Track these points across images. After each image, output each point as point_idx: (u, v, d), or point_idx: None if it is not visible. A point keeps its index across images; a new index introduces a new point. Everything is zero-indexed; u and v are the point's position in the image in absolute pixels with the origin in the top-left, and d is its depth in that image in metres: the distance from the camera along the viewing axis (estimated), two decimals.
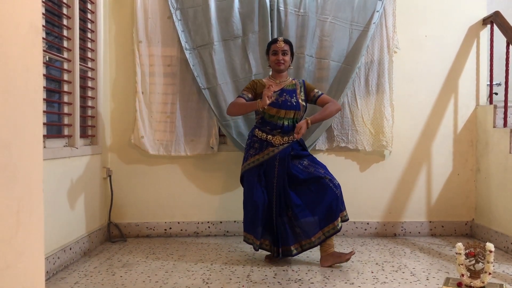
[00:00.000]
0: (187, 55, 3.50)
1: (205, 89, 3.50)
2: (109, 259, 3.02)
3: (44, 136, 2.68)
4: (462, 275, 2.11)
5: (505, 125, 3.33)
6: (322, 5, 3.52)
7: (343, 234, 3.62)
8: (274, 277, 2.62)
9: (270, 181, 2.88)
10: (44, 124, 2.71)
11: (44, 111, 2.74)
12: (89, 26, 3.39)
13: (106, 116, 3.61)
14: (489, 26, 3.60)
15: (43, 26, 2.68)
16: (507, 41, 3.30)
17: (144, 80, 3.58)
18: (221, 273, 2.70)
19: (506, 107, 3.33)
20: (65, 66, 3.00)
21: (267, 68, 3.13)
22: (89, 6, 3.39)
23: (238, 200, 3.21)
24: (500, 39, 3.43)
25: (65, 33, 3.01)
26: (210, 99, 3.49)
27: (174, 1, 3.53)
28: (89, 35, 3.40)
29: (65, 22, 3.02)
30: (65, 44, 3.02)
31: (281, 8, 3.48)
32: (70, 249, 2.91)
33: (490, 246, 2.05)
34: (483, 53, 3.63)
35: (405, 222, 3.67)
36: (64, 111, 3.01)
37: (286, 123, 2.91)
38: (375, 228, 3.66)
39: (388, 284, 2.48)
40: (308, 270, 2.75)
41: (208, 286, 2.46)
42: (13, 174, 0.97)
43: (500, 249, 3.15)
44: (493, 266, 2.15)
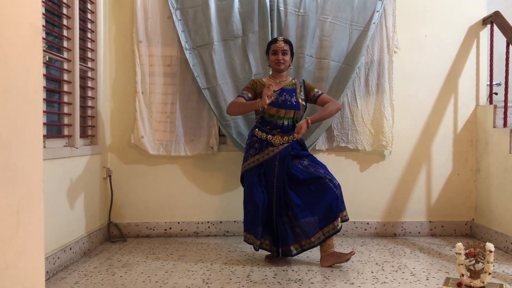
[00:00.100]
0: (187, 55, 3.50)
1: (205, 89, 3.50)
2: (109, 259, 3.02)
3: (44, 136, 2.68)
4: (462, 275, 2.11)
5: (505, 125, 3.33)
6: (322, 5, 3.52)
7: (343, 234, 3.62)
8: (274, 277, 2.62)
9: (270, 181, 2.88)
10: (44, 124, 2.71)
11: (44, 111, 2.74)
12: (89, 26, 3.39)
13: (106, 116, 3.61)
14: (489, 26, 3.60)
15: (43, 26, 2.68)
16: (507, 41, 3.30)
17: (144, 80, 3.58)
18: (221, 273, 2.70)
19: (506, 107, 3.33)
20: (65, 66, 3.00)
21: (267, 68, 3.13)
22: (89, 6, 3.39)
23: (238, 200, 3.22)
24: (500, 39, 3.43)
25: (65, 33, 3.01)
26: (210, 99, 3.50)
27: (174, 1, 3.53)
28: (89, 35, 3.40)
29: (65, 22, 3.02)
30: (65, 44, 3.02)
31: (281, 8, 3.48)
32: (70, 249, 2.91)
33: (490, 246, 2.05)
34: (483, 53, 3.63)
35: (405, 222, 3.67)
36: (64, 111, 3.01)
37: (286, 123, 2.91)
38: (375, 228, 3.66)
39: (388, 284, 2.48)
40: (308, 270, 2.75)
41: (208, 286, 2.46)
42: (13, 174, 0.97)
43: (500, 249, 3.15)
44: (493, 266, 2.15)
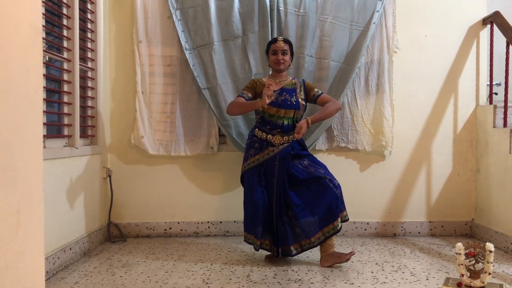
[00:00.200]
0: (187, 55, 3.50)
1: (205, 89, 3.50)
2: (109, 259, 3.02)
3: (44, 136, 2.68)
4: (462, 275, 2.11)
5: (505, 125, 3.33)
6: (322, 5, 3.52)
7: (343, 234, 3.62)
8: (274, 277, 2.62)
9: (270, 181, 2.88)
10: (44, 124, 2.71)
11: (44, 111, 2.74)
12: (89, 26, 3.39)
13: (106, 116, 3.61)
14: (489, 26, 3.60)
15: (43, 26, 2.68)
16: (507, 41, 3.30)
17: (144, 80, 3.58)
18: (221, 273, 2.70)
19: (506, 107, 3.33)
20: (65, 66, 3.00)
21: (267, 68, 3.13)
22: (89, 6, 3.39)
23: (238, 200, 3.22)
24: (500, 39, 3.43)
25: (65, 33, 3.01)
26: (210, 99, 3.50)
27: (174, 1, 3.53)
28: (89, 35, 3.40)
29: (65, 22, 3.02)
30: (65, 44, 3.02)
31: (281, 8, 3.48)
32: (70, 249, 2.91)
33: (490, 246, 2.05)
34: (483, 53, 3.63)
35: (405, 222, 3.67)
36: (64, 111, 3.01)
37: (286, 123, 2.90)
38: (375, 228, 3.66)
39: (388, 284, 2.48)
40: (308, 270, 2.75)
41: (208, 286, 2.46)
42: (13, 174, 0.97)
43: (500, 249, 3.15)
44: (493, 266, 2.15)
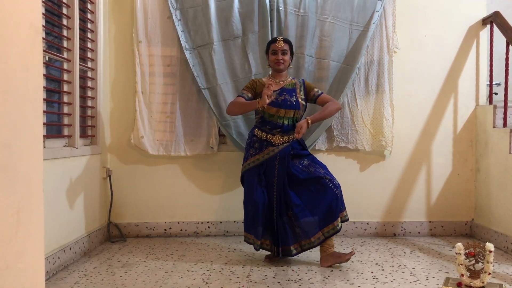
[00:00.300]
0: (187, 55, 3.50)
1: (205, 89, 3.50)
2: (109, 259, 3.02)
3: (44, 136, 2.68)
4: (462, 275, 2.11)
5: (505, 125, 3.33)
6: (322, 5, 3.52)
7: (343, 234, 3.62)
8: (274, 277, 2.62)
9: (270, 181, 2.88)
10: (44, 124, 2.71)
11: (44, 111, 2.74)
12: (89, 26, 3.39)
13: (106, 116, 3.61)
14: (489, 26, 3.60)
15: (43, 26, 2.68)
16: (507, 41, 3.30)
17: (144, 80, 3.58)
18: (221, 273, 2.70)
19: (506, 107, 3.33)
20: (65, 66, 3.00)
21: (267, 68, 3.13)
22: (89, 6, 3.39)
23: (238, 200, 3.22)
24: (500, 39, 3.43)
25: (65, 33, 3.01)
26: (210, 99, 3.50)
27: (174, 1, 3.53)
28: (89, 35, 3.40)
29: (65, 22, 3.02)
30: (65, 44, 3.02)
31: (281, 8, 3.48)
32: (70, 249, 2.91)
33: (490, 246, 2.05)
34: (483, 53, 3.63)
35: (405, 222, 3.67)
36: (64, 111, 3.01)
37: (286, 123, 2.90)
38: (375, 228, 3.66)
39: (388, 284, 2.48)
40: (308, 270, 2.75)
41: (208, 286, 2.46)
42: (13, 174, 0.97)
43: (500, 249, 3.15)
44: (493, 266, 2.15)
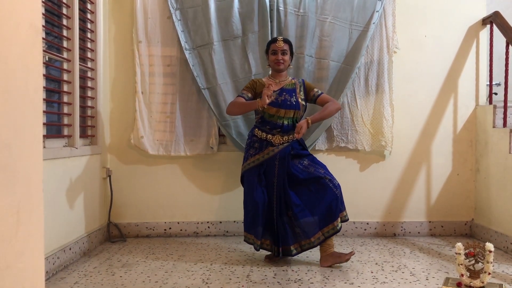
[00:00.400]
0: (187, 55, 3.50)
1: (205, 89, 3.50)
2: (109, 259, 3.02)
3: (44, 136, 2.68)
4: (462, 275, 2.11)
5: (505, 125, 3.33)
6: (322, 5, 3.52)
7: (343, 234, 3.62)
8: (274, 277, 2.62)
9: (270, 181, 2.88)
10: (44, 124, 2.71)
11: (44, 111, 2.74)
12: (89, 26, 3.39)
13: (106, 116, 3.61)
14: (489, 26, 3.60)
15: (43, 26, 2.68)
16: (507, 41, 3.30)
17: (144, 80, 3.58)
18: (221, 273, 2.70)
19: (506, 107, 3.33)
20: (65, 66, 3.00)
21: (267, 68, 3.13)
22: (89, 6, 3.39)
23: (238, 200, 3.22)
24: (500, 39, 3.43)
25: (65, 33, 3.01)
26: (210, 99, 3.50)
27: (174, 1, 3.53)
28: (89, 35, 3.40)
29: (65, 22, 3.02)
30: (65, 44, 3.02)
31: (281, 8, 3.48)
32: (70, 249, 2.91)
33: (490, 246, 2.05)
34: (483, 53, 3.64)
35: (405, 222, 3.67)
36: (64, 111, 3.01)
37: (286, 123, 2.90)
38: (375, 228, 3.66)
39: (388, 284, 2.48)
40: (308, 270, 2.75)
41: (208, 286, 2.46)
42: (13, 174, 0.97)
43: (500, 249, 3.15)
44: (493, 266, 2.15)
